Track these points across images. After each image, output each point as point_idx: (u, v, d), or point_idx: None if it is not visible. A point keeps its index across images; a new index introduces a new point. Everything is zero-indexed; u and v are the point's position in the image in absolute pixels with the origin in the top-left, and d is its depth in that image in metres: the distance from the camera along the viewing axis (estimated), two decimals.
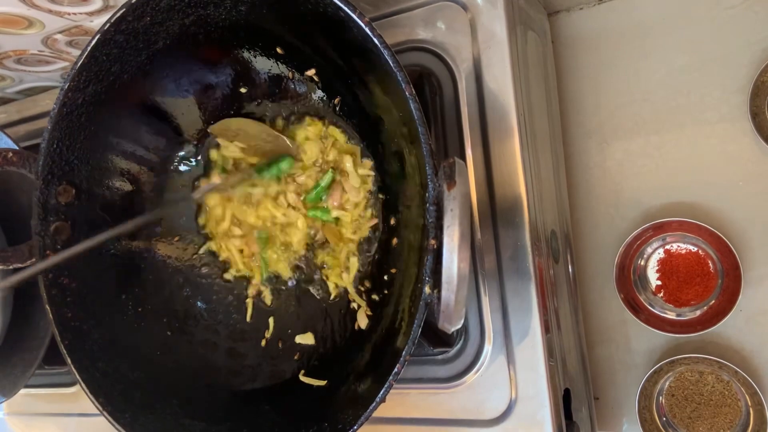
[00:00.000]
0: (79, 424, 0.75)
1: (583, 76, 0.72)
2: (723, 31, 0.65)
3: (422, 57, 0.58)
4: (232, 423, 0.53)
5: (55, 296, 0.53)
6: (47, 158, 0.52)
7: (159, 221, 0.61)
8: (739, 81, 0.64)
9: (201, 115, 0.60)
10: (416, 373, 0.57)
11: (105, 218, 0.57)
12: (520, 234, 0.53)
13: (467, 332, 0.55)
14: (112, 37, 0.50)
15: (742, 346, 0.64)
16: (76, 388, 0.75)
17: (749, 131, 0.63)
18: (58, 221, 0.54)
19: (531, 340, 0.53)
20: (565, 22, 0.73)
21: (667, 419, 0.66)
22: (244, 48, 0.56)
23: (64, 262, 0.53)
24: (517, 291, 0.53)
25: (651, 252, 0.68)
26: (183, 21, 0.52)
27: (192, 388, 0.57)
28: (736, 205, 0.65)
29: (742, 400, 0.63)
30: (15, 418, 0.81)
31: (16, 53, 0.71)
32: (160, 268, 0.61)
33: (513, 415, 0.53)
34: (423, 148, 0.41)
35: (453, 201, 0.37)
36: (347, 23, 0.44)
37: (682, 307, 0.66)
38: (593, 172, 0.71)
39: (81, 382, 0.51)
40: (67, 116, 0.52)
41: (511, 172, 0.54)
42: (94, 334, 0.55)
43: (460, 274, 0.37)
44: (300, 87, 0.58)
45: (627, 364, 0.69)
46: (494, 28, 0.55)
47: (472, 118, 0.55)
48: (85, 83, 0.52)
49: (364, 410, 0.43)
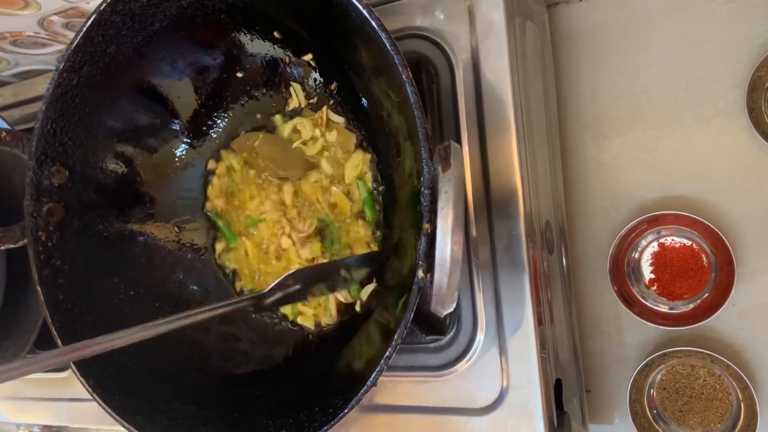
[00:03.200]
0: (71, 408, 0.75)
1: (581, 68, 0.72)
2: (721, 25, 0.65)
3: (420, 44, 0.57)
4: (224, 407, 0.53)
5: (46, 278, 0.53)
6: (41, 139, 0.52)
7: (152, 203, 0.61)
8: (736, 75, 0.64)
9: (197, 98, 0.60)
10: (408, 360, 0.56)
11: (98, 200, 0.57)
12: (514, 225, 0.53)
13: (460, 321, 0.55)
14: (109, 18, 0.50)
15: (734, 341, 0.65)
16: (68, 372, 0.75)
17: (746, 126, 0.63)
18: (51, 202, 0.53)
19: (523, 330, 0.53)
20: (564, 14, 0.72)
21: (658, 412, 0.66)
22: (241, 31, 0.56)
23: (56, 244, 0.53)
24: (510, 282, 0.53)
25: (645, 245, 0.68)
26: (180, 2, 0.52)
27: (183, 372, 0.57)
28: (732, 200, 0.65)
29: (733, 393, 0.63)
30: (6, 402, 0.80)
31: (11, 34, 0.71)
32: (153, 251, 0.60)
33: (504, 404, 0.53)
34: (419, 132, 0.41)
35: (447, 183, 0.37)
36: (345, 6, 0.44)
37: (675, 300, 0.66)
38: (589, 164, 0.71)
39: (71, 364, 0.51)
40: (61, 97, 0.52)
41: (507, 162, 0.54)
42: (85, 316, 0.54)
43: (453, 256, 0.37)
44: (297, 71, 0.58)
45: (619, 356, 0.69)
46: (493, 18, 0.55)
47: (468, 107, 0.55)
48: (80, 64, 0.52)
49: (354, 394, 0.43)
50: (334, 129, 0.58)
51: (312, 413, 0.47)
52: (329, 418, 0.45)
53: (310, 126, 0.58)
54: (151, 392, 0.54)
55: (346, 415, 0.44)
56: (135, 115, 0.58)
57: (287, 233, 0.59)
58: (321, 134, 0.58)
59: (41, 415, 0.77)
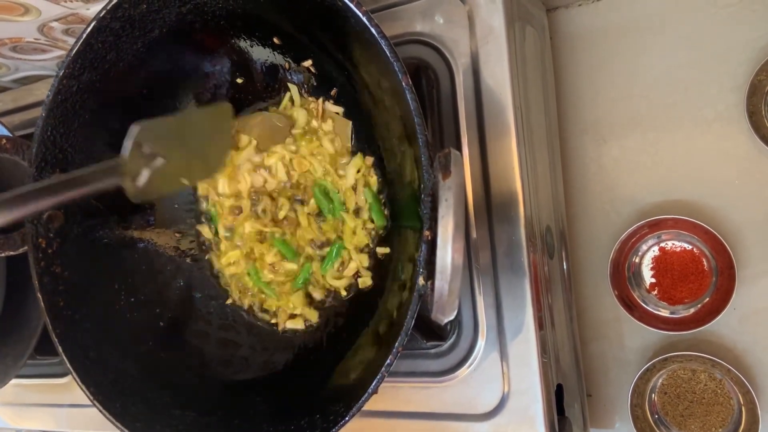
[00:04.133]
0: (71, 415, 0.75)
1: (580, 72, 0.72)
2: (721, 28, 0.65)
3: (420, 50, 0.57)
4: (223, 413, 0.53)
5: (47, 284, 0.53)
6: (41, 145, 0.52)
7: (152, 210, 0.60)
8: (736, 79, 0.65)
9: (196, 104, 0.60)
10: (409, 366, 0.56)
11: (99, 207, 0.57)
12: (515, 229, 0.53)
13: (460, 326, 0.55)
14: (108, 24, 0.50)
15: (735, 345, 0.65)
16: (67, 378, 0.75)
17: (745, 129, 0.63)
18: (51, 209, 0.53)
19: (524, 335, 0.53)
20: (564, 19, 0.72)
21: (660, 417, 0.66)
22: (240, 37, 0.56)
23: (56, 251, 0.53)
24: (511, 286, 0.53)
25: (646, 249, 0.68)
26: (180, 9, 0.52)
27: (183, 378, 0.57)
28: (732, 204, 0.65)
29: (734, 398, 0.63)
30: (6, 408, 0.80)
31: (11, 41, 0.71)
32: (153, 257, 0.60)
33: (505, 409, 0.53)
34: (419, 139, 0.41)
35: (448, 191, 0.37)
36: (345, 13, 0.44)
37: (675, 304, 0.66)
38: (589, 168, 0.71)
39: (72, 371, 0.51)
40: (61, 104, 0.52)
41: (507, 167, 0.54)
42: (85, 323, 0.54)
43: (454, 264, 0.37)
44: (296, 77, 0.58)
45: (620, 361, 0.69)
46: (492, 23, 0.55)
47: (469, 112, 0.55)
48: (80, 70, 0.52)
49: (355, 402, 0.43)
50: (329, 119, 0.57)
51: (313, 420, 0.47)
52: (330, 425, 0.45)
53: (304, 116, 0.57)
54: (152, 399, 0.53)
55: (347, 422, 0.44)
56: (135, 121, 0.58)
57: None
58: (318, 126, 0.57)
59: (41, 420, 0.77)
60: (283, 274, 0.59)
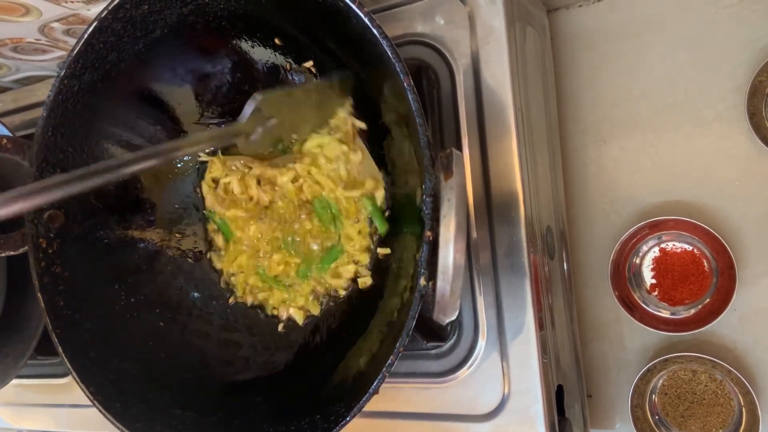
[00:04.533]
0: (71, 415, 0.75)
1: (581, 73, 0.72)
2: (721, 29, 0.65)
3: (420, 51, 0.57)
4: (224, 413, 0.53)
5: (47, 284, 0.52)
6: (42, 146, 0.52)
7: (153, 210, 0.61)
8: (736, 80, 0.65)
9: (197, 105, 0.60)
10: (409, 367, 0.56)
11: (99, 207, 0.57)
12: (515, 230, 0.53)
13: (461, 327, 0.55)
14: (110, 25, 0.50)
15: (735, 346, 0.65)
16: (68, 379, 0.74)
17: (746, 130, 0.63)
18: (51, 209, 0.53)
19: (525, 336, 0.53)
20: (565, 19, 0.73)
21: (660, 417, 0.66)
22: (242, 38, 0.56)
23: (57, 251, 0.53)
24: (511, 287, 0.53)
25: (646, 250, 0.68)
26: (181, 10, 0.52)
27: (184, 378, 0.57)
28: (732, 204, 0.65)
29: (734, 399, 0.63)
30: (6, 408, 0.80)
31: (12, 41, 0.71)
32: (154, 257, 0.60)
33: (506, 410, 0.53)
34: (420, 140, 0.41)
35: (450, 191, 0.37)
36: (346, 14, 0.44)
37: (676, 305, 0.66)
38: (590, 168, 0.71)
39: (72, 371, 0.51)
40: (62, 104, 0.52)
41: (508, 167, 0.54)
42: (86, 323, 0.54)
43: (456, 264, 0.37)
44: (298, 78, 0.58)
45: (620, 361, 0.69)
46: (493, 23, 0.55)
47: (469, 112, 0.55)
48: (81, 71, 0.51)
49: (356, 402, 0.43)
50: (359, 150, 0.56)
51: (313, 420, 0.47)
52: (331, 426, 0.45)
53: (336, 144, 0.56)
54: (152, 399, 0.53)
55: (348, 422, 0.44)
56: (136, 121, 0.58)
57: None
58: (347, 152, 0.56)
59: (42, 420, 0.77)
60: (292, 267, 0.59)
